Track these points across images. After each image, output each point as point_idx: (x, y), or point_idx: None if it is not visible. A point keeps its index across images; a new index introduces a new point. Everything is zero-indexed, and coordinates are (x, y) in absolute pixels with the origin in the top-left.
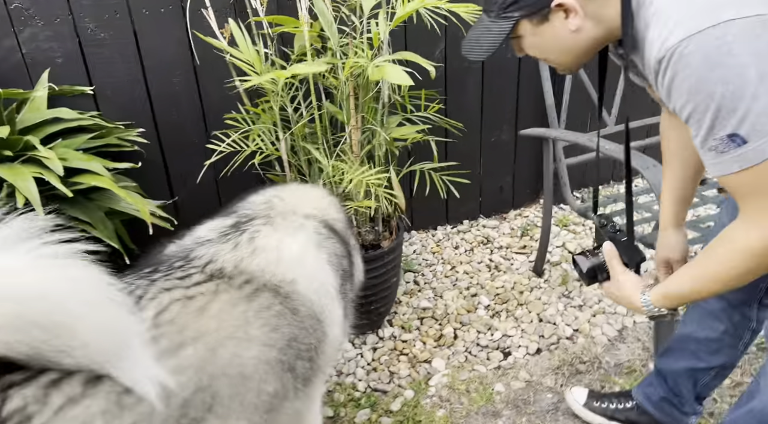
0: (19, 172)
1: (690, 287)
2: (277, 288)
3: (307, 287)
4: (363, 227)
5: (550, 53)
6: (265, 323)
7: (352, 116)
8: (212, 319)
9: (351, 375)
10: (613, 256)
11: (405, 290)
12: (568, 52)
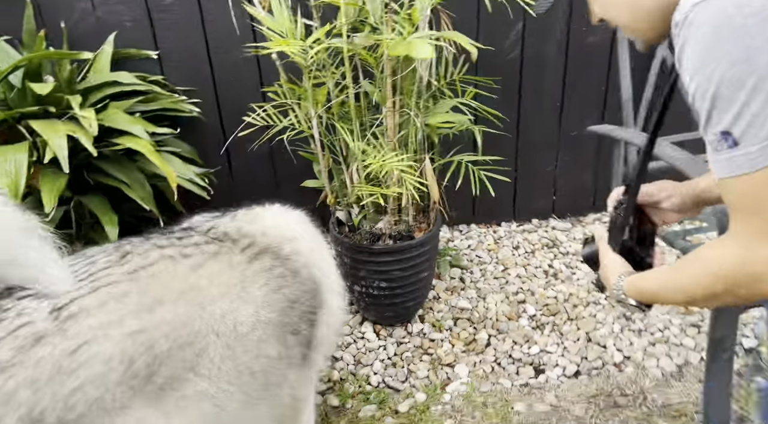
0: (55, 129)
1: (656, 290)
2: (278, 251)
3: (307, 249)
4: (393, 216)
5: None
6: (266, 283)
7: (388, 98)
8: (205, 277)
9: (368, 367)
10: (601, 238)
11: (447, 286)
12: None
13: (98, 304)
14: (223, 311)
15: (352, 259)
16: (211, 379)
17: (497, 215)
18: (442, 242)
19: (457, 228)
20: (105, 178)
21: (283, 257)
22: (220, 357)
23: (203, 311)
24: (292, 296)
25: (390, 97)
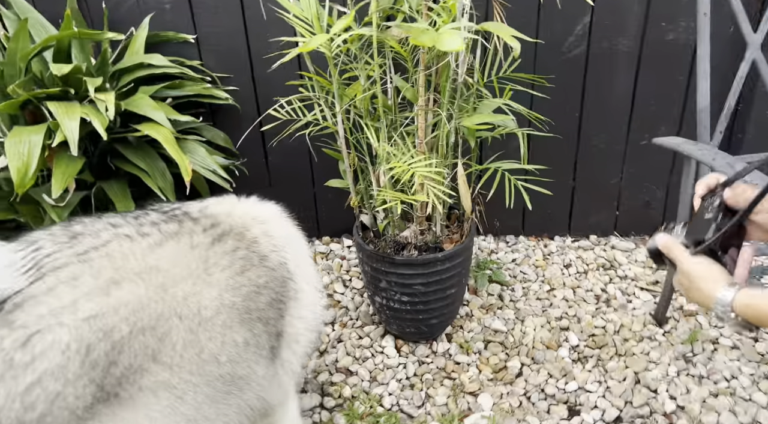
0: (71, 110)
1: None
2: (243, 232)
3: (280, 234)
4: (420, 225)
5: None
6: (229, 265)
7: (420, 95)
8: (165, 257)
9: (383, 386)
10: (672, 244)
11: (483, 303)
12: None
13: (46, 290)
14: (186, 293)
15: (372, 268)
16: (173, 368)
17: (550, 227)
18: (485, 254)
19: (504, 238)
20: (126, 164)
21: (249, 240)
22: (183, 343)
23: (165, 292)
24: (259, 281)
25: (422, 94)
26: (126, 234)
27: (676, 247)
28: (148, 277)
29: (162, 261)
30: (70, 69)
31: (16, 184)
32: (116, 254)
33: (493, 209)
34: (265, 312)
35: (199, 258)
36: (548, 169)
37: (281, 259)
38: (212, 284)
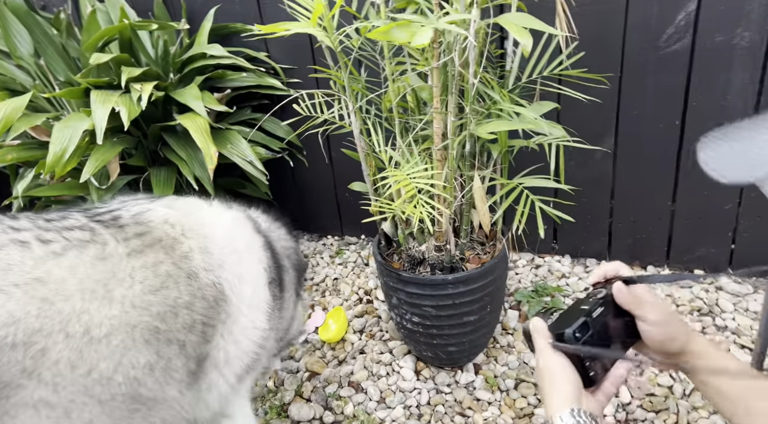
0: (107, 99)
1: None
2: (172, 245)
3: (222, 251)
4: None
5: None
6: (141, 281)
7: (435, 96)
8: (62, 267)
9: (389, 409)
10: (540, 329)
11: None
12: None
13: None
14: (75, 309)
15: (384, 282)
16: (54, 386)
17: (644, 254)
18: (553, 277)
19: (583, 262)
20: (170, 153)
21: (179, 254)
22: (67, 361)
23: (49, 307)
24: (179, 300)
25: (437, 95)
26: (21, 240)
27: (542, 334)
28: (30, 289)
29: (53, 273)
30: (108, 59)
31: (48, 166)
32: (1, 261)
33: (571, 227)
34: (181, 334)
35: (103, 272)
36: (639, 188)
37: (214, 279)
38: (113, 300)
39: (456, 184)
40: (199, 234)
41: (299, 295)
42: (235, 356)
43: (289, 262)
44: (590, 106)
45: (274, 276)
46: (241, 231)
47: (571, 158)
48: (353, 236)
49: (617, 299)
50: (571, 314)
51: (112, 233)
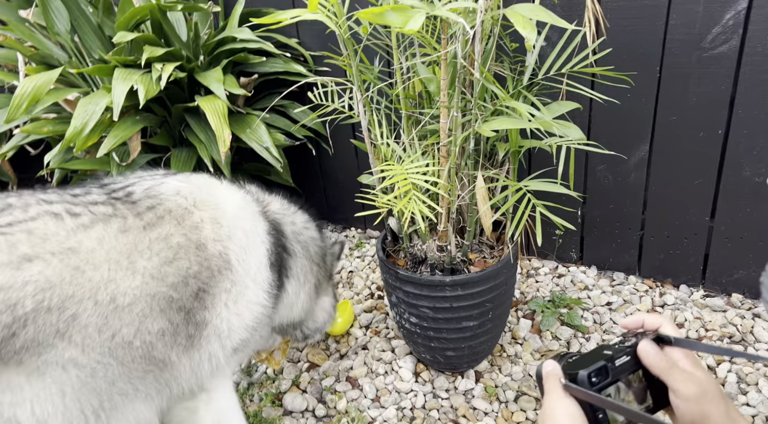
0: (127, 77)
1: None
2: (183, 217)
3: (231, 225)
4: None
5: None
6: (157, 253)
7: (442, 89)
8: (91, 239)
9: (381, 409)
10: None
11: (540, 347)
12: None
13: None
14: (104, 278)
15: (384, 278)
16: (84, 348)
17: (678, 272)
18: (575, 288)
19: (610, 275)
20: (191, 134)
21: (190, 225)
22: (95, 326)
23: (81, 275)
24: (190, 271)
25: (445, 88)
26: (54, 212)
27: (554, 378)
28: (65, 258)
29: (86, 243)
30: (132, 38)
31: (68, 139)
32: (37, 231)
33: (599, 238)
34: (189, 302)
35: (125, 244)
36: (675, 200)
37: (221, 249)
38: (136, 271)
39: (459, 183)
40: (211, 206)
41: (323, 285)
42: (237, 329)
43: (304, 251)
44: (624, 109)
45: (275, 261)
46: (248, 210)
47: (601, 162)
48: (376, 229)
49: (643, 360)
50: (591, 358)
51: (128, 208)
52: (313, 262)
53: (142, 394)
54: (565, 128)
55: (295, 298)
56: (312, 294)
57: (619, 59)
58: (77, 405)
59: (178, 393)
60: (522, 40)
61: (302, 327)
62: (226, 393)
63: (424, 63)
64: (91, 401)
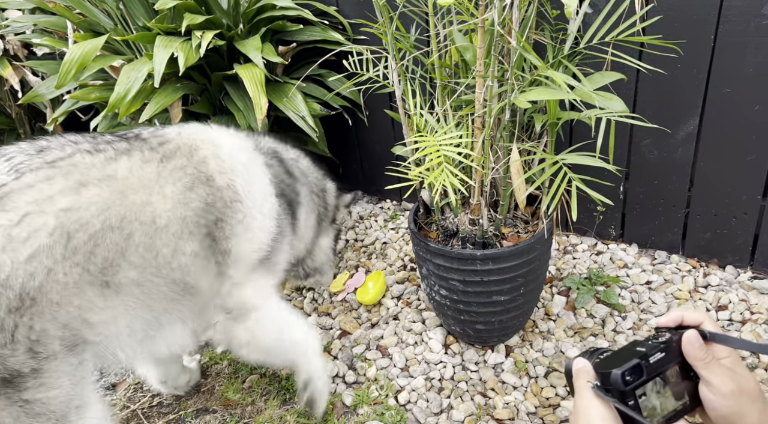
0: (168, 45)
1: None
2: (191, 152)
3: (230, 159)
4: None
5: None
6: (179, 180)
7: (478, 57)
8: (123, 168)
9: (410, 379)
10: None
11: (574, 324)
12: None
13: (27, 185)
14: (143, 201)
15: (415, 250)
16: (138, 268)
17: (724, 252)
18: (614, 266)
19: (651, 253)
20: (229, 102)
21: (197, 159)
22: (144, 246)
23: (125, 198)
24: (208, 199)
25: (482, 57)
26: (86, 149)
27: (583, 377)
28: (110, 183)
29: (119, 172)
30: (172, 5)
31: (111, 105)
32: (80, 164)
33: (641, 214)
34: (213, 229)
35: (151, 172)
36: (725, 177)
37: (228, 181)
38: (166, 196)
39: (494, 155)
40: (210, 143)
41: (323, 224)
42: (249, 252)
43: (304, 178)
44: (673, 81)
45: (283, 191)
46: (243, 145)
47: (647, 136)
48: (411, 201)
49: (684, 349)
50: (623, 355)
51: (141, 144)
52: (313, 192)
53: (178, 314)
54: (607, 100)
55: (303, 225)
56: (314, 227)
57: (670, 27)
58: (139, 321)
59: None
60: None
61: (304, 264)
62: (274, 306)
63: (460, 31)
64: (147, 318)
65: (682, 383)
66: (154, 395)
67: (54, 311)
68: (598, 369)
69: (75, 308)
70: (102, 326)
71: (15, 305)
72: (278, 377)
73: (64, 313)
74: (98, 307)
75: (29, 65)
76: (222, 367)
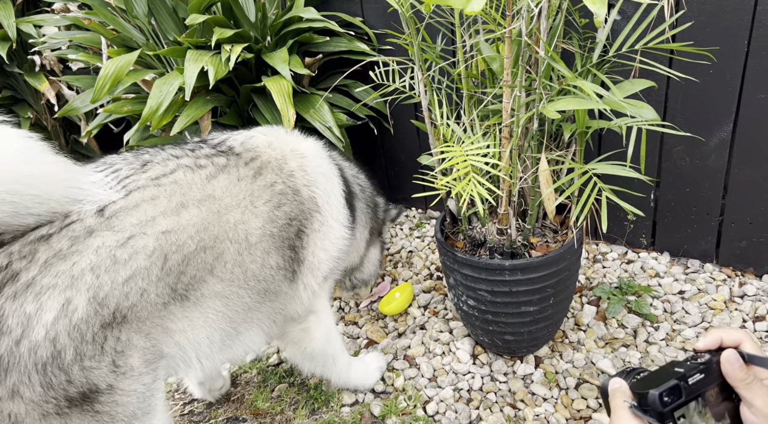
0: (199, 58)
1: None
2: (281, 165)
3: (314, 170)
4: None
5: None
6: (269, 199)
7: (505, 67)
8: (219, 188)
9: (438, 389)
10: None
11: (605, 335)
12: None
13: (133, 205)
14: (236, 220)
15: (443, 260)
16: (224, 281)
17: (761, 262)
18: (645, 275)
19: (684, 262)
20: (257, 114)
21: (286, 173)
22: (233, 263)
23: (220, 218)
24: (291, 214)
25: (509, 67)
26: (187, 165)
27: (620, 397)
28: (208, 204)
29: (216, 190)
30: (203, 20)
31: (144, 118)
32: (182, 182)
33: (673, 223)
34: (294, 241)
35: (245, 190)
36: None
37: (311, 193)
38: (257, 214)
39: (522, 165)
40: (297, 155)
41: (374, 236)
42: (324, 262)
43: (362, 194)
44: (705, 87)
45: (347, 200)
46: (323, 157)
47: (678, 143)
48: (437, 210)
49: (725, 369)
50: (661, 375)
51: (236, 159)
52: (368, 206)
53: (257, 320)
54: (637, 108)
55: (359, 237)
56: (367, 239)
57: (701, 33)
58: (218, 332)
59: (288, 318)
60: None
61: (352, 276)
62: (327, 313)
63: (487, 41)
64: (225, 327)
65: (722, 404)
66: (186, 404)
67: (139, 324)
68: (635, 389)
69: (158, 319)
70: (180, 335)
71: (108, 321)
72: (306, 386)
73: (148, 324)
74: (178, 318)
75: (65, 80)
76: (251, 376)
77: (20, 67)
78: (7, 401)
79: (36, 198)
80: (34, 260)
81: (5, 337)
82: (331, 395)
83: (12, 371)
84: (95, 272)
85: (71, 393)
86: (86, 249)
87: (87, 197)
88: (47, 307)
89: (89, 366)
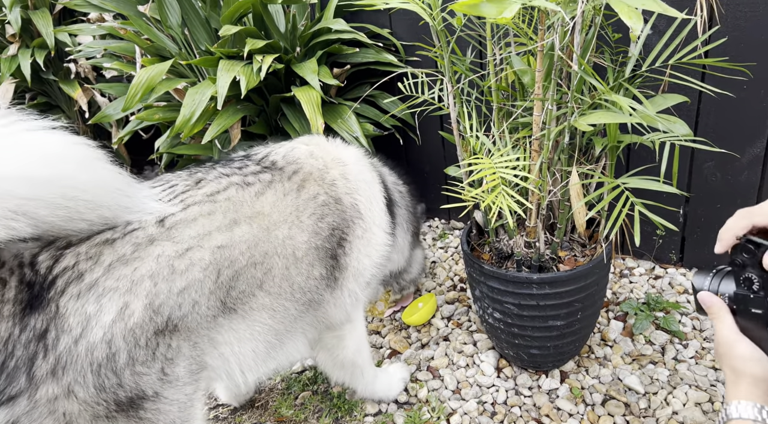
0: (231, 69)
1: None
2: (322, 176)
3: (356, 178)
4: (530, 236)
5: None
6: (313, 212)
7: (537, 81)
8: (267, 204)
9: (462, 401)
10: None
11: (631, 351)
12: None
13: (192, 218)
14: (284, 235)
15: (468, 272)
16: (272, 295)
17: None
18: (673, 291)
19: None
20: (286, 123)
21: (328, 183)
22: (281, 277)
23: (269, 234)
24: (334, 224)
25: (540, 80)
26: (237, 183)
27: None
28: (258, 220)
29: (265, 207)
30: (236, 31)
31: (177, 127)
32: (234, 198)
33: (702, 239)
34: (336, 250)
35: (291, 205)
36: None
37: (353, 201)
38: (303, 229)
39: (551, 178)
40: (339, 163)
41: (416, 238)
42: (368, 268)
43: (402, 200)
44: (738, 103)
45: (388, 207)
46: (365, 164)
47: (709, 159)
48: (460, 221)
49: None
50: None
51: (280, 174)
52: (408, 211)
53: (300, 330)
54: (670, 123)
55: (402, 243)
56: (411, 243)
57: (736, 48)
58: (263, 344)
59: (327, 326)
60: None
61: (400, 278)
62: (362, 322)
63: (518, 54)
64: (270, 339)
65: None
66: (211, 409)
67: (188, 334)
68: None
69: (206, 330)
70: (226, 347)
71: (161, 329)
72: (330, 394)
73: (196, 335)
74: (225, 330)
75: (98, 87)
76: (275, 383)
77: (55, 75)
78: (63, 400)
79: (89, 204)
80: (99, 262)
81: (65, 335)
82: (354, 404)
83: (69, 370)
84: (153, 280)
85: (120, 397)
86: (147, 256)
87: (141, 208)
88: (107, 309)
89: (140, 371)
